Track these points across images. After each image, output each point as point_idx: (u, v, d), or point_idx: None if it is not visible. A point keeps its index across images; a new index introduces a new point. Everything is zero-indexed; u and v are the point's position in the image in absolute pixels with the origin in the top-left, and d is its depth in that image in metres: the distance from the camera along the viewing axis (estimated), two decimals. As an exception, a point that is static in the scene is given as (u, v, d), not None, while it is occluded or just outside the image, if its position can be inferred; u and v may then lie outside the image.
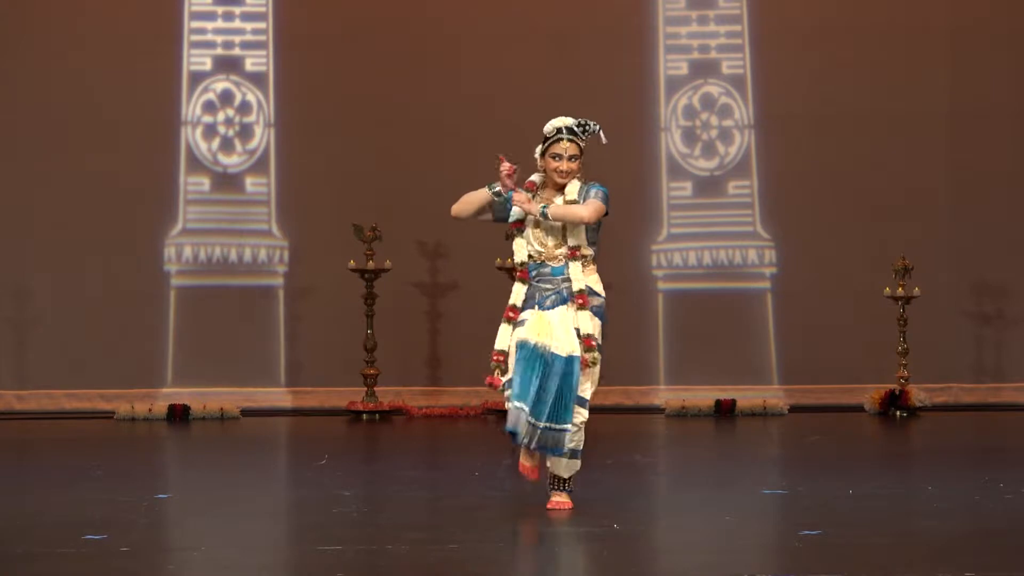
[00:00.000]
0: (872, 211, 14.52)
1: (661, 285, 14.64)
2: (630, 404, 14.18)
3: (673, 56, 14.79)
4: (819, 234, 14.54)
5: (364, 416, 13.52)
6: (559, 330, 7.60)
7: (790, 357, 14.46)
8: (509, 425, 7.55)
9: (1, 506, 7.93)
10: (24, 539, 6.72)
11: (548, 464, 7.72)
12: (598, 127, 7.78)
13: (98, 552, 6.28)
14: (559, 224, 7.68)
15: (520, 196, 7.65)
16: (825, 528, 6.78)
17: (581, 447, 7.64)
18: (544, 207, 7.65)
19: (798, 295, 14.50)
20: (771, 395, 14.14)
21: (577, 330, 7.60)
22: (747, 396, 13.94)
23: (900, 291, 13.81)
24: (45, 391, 14.01)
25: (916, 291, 13.82)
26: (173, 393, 13.93)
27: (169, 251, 14.33)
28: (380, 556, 6.25)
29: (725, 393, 13.96)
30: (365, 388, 13.61)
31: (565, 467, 7.68)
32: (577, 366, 7.54)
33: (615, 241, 13.01)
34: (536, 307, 7.67)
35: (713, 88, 14.79)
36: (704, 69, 14.79)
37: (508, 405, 7.60)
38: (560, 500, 7.70)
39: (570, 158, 7.69)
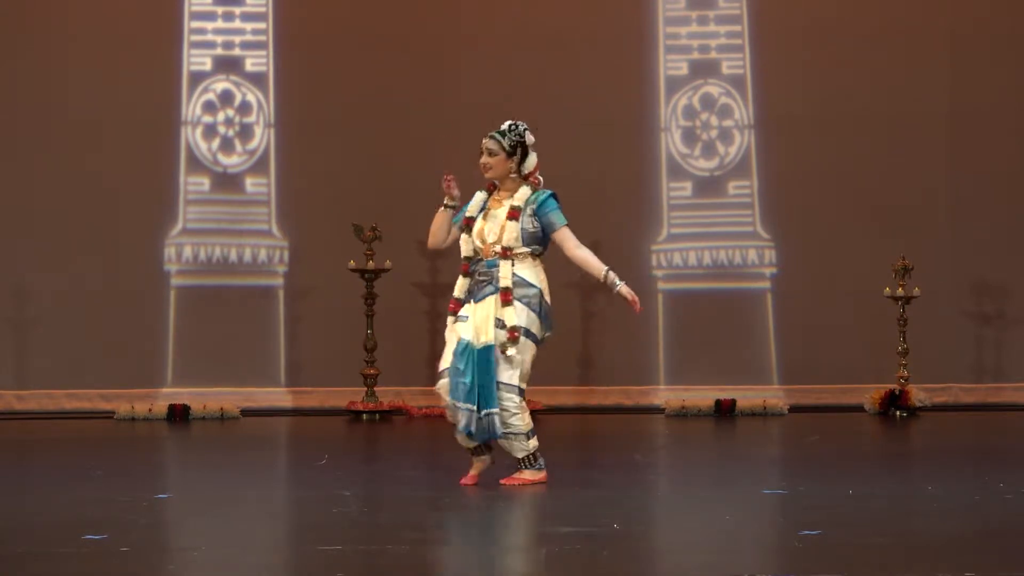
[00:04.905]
0: (872, 211, 14.52)
1: (661, 285, 14.63)
2: (630, 404, 14.18)
3: (673, 56, 14.78)
4: (819, 234, 14.53)
5: (364, 416, 13.52)
6: (481, 323, 8.19)
7: (790, 357, 14.46)
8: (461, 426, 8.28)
9: (1, 506, 7.93)
10: (24, 539, 6.71)
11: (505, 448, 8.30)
12: (523, 127, 8.41)
13: (98, 552, 6.28)
14: (498, 224, 8.28)
15: (449, 182, 8.50)
16: (825, 528, 6.78)
17: (524, 429, 8.22)
18: (607, 270, 8.48)
19: (798, 295, 14.49)
20: (771, 395, 14.14)
21: (501, 322, 8.15)
22: (747, 396, 13.94)
23: (900, 291, 13.80)
24: (45, 391, 14.00)
25: (916, 291, 13.82)
26: (173, 393, 13.92)
27: (169, 251, 14.33)
28: (380, 556, 6.24)
29: (725, 393, 13.95)
30: (365, 388, 13.61)
31: (515, 448, 8.29)
32: (493, 355, 8.13)
33: (615, 241, 13.03)
34: (471, 300, 8.27)
35: (713, 88, 14.79)
36: (704, 69, 14.79)
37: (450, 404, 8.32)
38: (516, 475, 8.30)
39: (489, 153, 8.40)
